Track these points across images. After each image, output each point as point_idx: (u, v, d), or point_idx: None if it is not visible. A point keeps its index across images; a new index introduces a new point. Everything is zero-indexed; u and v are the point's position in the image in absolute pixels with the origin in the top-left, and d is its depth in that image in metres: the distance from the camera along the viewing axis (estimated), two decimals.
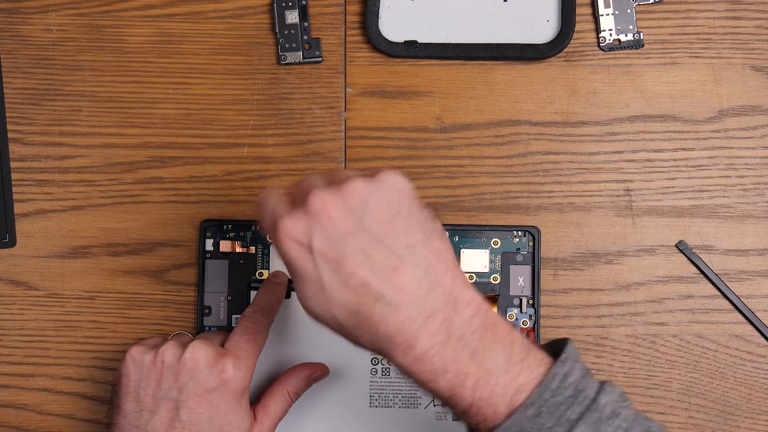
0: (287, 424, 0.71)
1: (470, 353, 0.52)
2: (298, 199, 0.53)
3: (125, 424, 0.63)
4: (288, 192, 0.55)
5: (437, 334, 0.52)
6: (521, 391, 0.51)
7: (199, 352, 0.63)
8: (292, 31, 0.75)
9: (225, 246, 0.73)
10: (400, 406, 0.71)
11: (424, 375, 0.52)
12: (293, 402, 0.68)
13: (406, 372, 0.53)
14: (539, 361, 0.53)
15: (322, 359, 0.71)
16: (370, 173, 0.54)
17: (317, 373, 0.69)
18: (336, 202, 0.52)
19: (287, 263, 0.53)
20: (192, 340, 0.65)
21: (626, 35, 0.75)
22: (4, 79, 0.75)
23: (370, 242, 0.52)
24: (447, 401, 0.53)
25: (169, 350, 0.64)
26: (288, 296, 0.72)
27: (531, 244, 0.72)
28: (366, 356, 0.72)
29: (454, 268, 0.53)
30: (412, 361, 0.52)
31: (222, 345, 0.65)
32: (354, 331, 0.53)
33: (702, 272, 0.73)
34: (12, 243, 0.74)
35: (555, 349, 0.54)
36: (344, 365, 0.72)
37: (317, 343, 0.72)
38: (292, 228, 0.52)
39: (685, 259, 0.73)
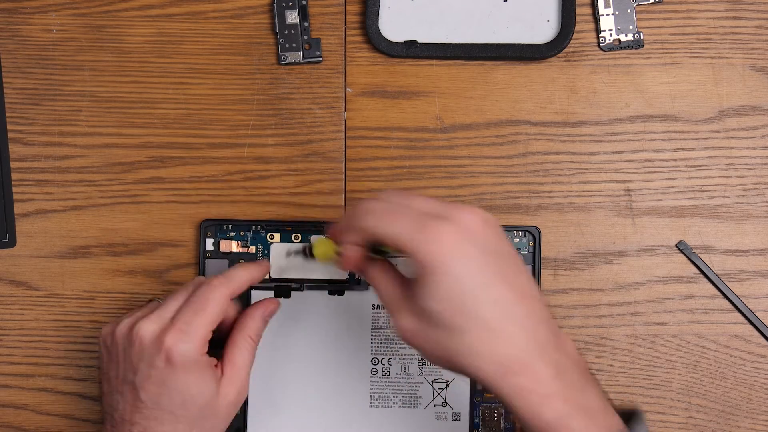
0: (288, 423, 0.71)
1: (578, 387, 0.55)
2: (433, 212, 0.56)
3: (105, 404, 0.64)
4: (403, 204, 0.58)
5: (552, 361, 0.55)
6: None
7: (144, 331, 0.62)
8: (292, 31, 0.75)
9: (225, 246, 0.73)
10: (400, 406, 0.71)
11: (535, 398, 0.54)
12: (257, 344, 0.66)
13: (515, 395, 0.54)
14: (618, 419, 0.56)
15: (322, 359, 0.71)
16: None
17: (270, 309, 0.67)
18: (486, 223, 0.56)
19: (435, 264, 0.54)
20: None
21: (626, 35, 0.75)
22: (4, 79, 0.75)
23: (510, 266, 0.56)
24: None
25: (122, 330, 0.63)
26: (288, 296, 0.72)
27: (531, 244, 0.72)
28: (366, 356, 0.72)
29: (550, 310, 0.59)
30: (528, 381, 0.54)
31: (172, 318, 0.63)
32: (474, 347, 0.55)
33: (702, 272, 0.73)
34: (12, 243, 0.74)
35: (626, 416, 0.58)
36: (344, 365, 0.72)
37: (316, 343, 0.72)
38: (449, 234, 0.55)
39: (685, 259, 0.73)
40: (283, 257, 0.72)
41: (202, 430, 0.63)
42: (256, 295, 0.72)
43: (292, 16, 0.75)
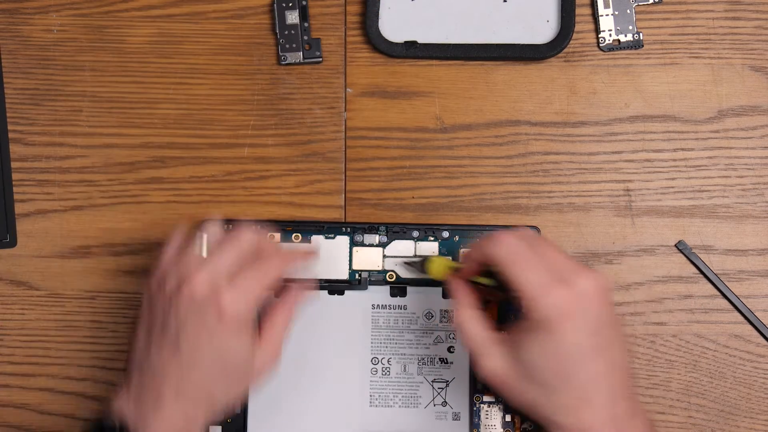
0: (288, 423, 0.71)
1: None
2: (558, 275, 0.60)
3: (137, 357, 0.63)
4: (537, 254, 0.61)
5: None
6: None
7: (197, 286, 0.61)
8: (293, 32, 0.75)
9: None
10: (399, 406, 0.72)
11: None
12: (295, 315, 0.67)
13: None
14: None
15: (322, 359, 0.71)
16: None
17: (312, 287, 0.69)
18: (602, 295, 0.60)
19: (551, 324, 0.59)
20: (199, 265, 0.63)
21: (626, 36, 0.75)
22: (5, 80, 0.75)
23: (613, 338, 0.61)
24: None
25: (172, 283, 0.63)
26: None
27: None
28: (366, 356, 0.72)
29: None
30: None
31: (227, 275, 0.63)
32: (562, 408, 0.60)
33: (701, 272, 0.73)
34: (13, 243, 0.74)
35: None
36: (344, 365, 0.72)
37: (316, 343, 0.72)
38: (569, 302, 0.59)
39: (685, 259, 0.73)
40: None
41: (233, 393, 0.63)
42: None
43: (293, 17, 0.75)
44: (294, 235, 0.72)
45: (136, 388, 0.62)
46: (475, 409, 0.71)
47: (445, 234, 0.72)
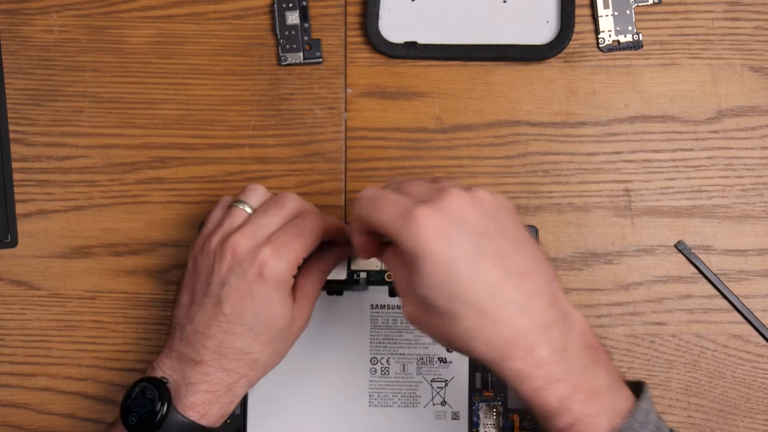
0: (288, 423, 0.71)
1: (582, 368, 0.54)
2: (422, 197, 0.55)
3: (180, 316, 0.64)
4: (397, 190, 0.57)
5: (555, 343, 0.54)
6: (618, 416, 0.54)
7: (238, 244, 0.62)
8: (293, 32, 0.75)
9: None
10: (399, 406, 0.72)
11: (536, 382, 0.54)
12: (326, 277, 0.67)
13: (515, 378, 0.54)
14: (627, 393, 0.56)
15: (321, 359, 0.72)
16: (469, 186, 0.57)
17: (345, 254, 0.68)
18: (474, 204, 0.55)
19: (420, 251, 0.53)
20: (240, 226, 0.64)
21: (625, 36, 0.75)
22: (6, 80, 0.76)
23: (503, 246, 0.55)
24: (548, 415, 0.54)
25: (215, 243, 0.63)
26: None
27: None
28: (365, 356, 0.72)
29: (562, 288, 0.57)
30: (528, 365, 0.53)
31: (269, 234, 0.63)
32: (471, 331, 0.54)
33: (701, 272, 0.73)
34: (14, 243, 0.75)
35: (632, 387, 0.57)
36: (343, 365, 0.72)
37: (316, 343, 0.72)
38: (431, 220, 0.53)
39: (684, 259, 0.73)
40: None
41: (272, 352, 0.64)
42: None
43: (293, 17, 0.75)
44: None
45: (178, 345, 0.63)
46: (474, 408, 0.71)
47: None
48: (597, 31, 0.75)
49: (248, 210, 0.65)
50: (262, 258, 0.62)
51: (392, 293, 0.72)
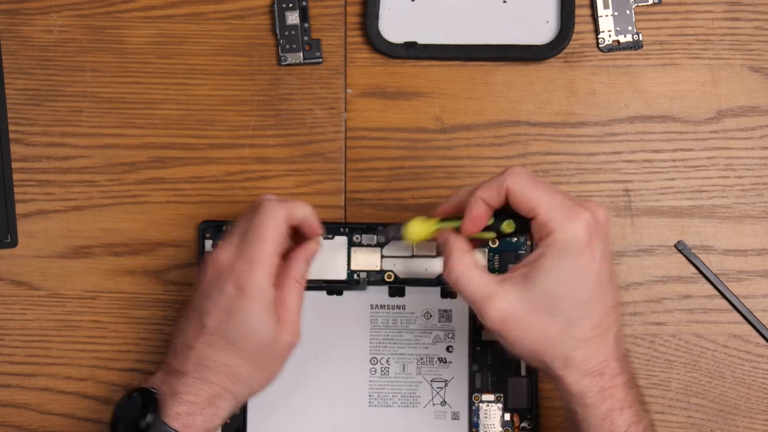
0: (287, 423, 0.71)
1: (637, 399, 0.59)
2: (569, 196, 0.59)
3: (174, 333, 0.65)
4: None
5: (629, 373, 0.59)
6: None
7: (218, 257, 0.62)
8: (293, 32, 0.75)
9: None
10: (399, 406, 0.72)
11: (616, 403, 0.58)
12: (303, 287, 0.65)
13: (597, 396, 0.58)
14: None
15: (321, 359, 0.72)
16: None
17: (311, 249, 0.66)
18: (608, 221, 0.59)
19: (575, 247, 0.57)
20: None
21: (625, 36, 0.75)
22: (5, 80, 0.76)
23: (613, 275, 0.59)
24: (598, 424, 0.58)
25: (204, 259, 0.64)
26: None
27: (530, 243, 0.72)
28: (365, 356, 0.72)
29: None
30: (613, 385, 0.58)
31: (240, 244, 0.63)
32: (579, 341, 0.58)
33: (701, 272, 0.73)
34: (14, 243, 0.75)
35: None
36: (343, 365, 0.72)
37: (315, 343, 0.72)
38: (591, 223, 0.57)
39: (684, 259, 0.73)
40: None
41: (257, 369, 0.63)
42: None
43: (293, 17, 0.75)
44: None
45: (169, 358, 0.63)
46: (474, 408, 0.71)
47: None
48: (597, 31, 0.75)
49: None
50: (237, 271, 0.61)
51: (392, 293, 0.72)
